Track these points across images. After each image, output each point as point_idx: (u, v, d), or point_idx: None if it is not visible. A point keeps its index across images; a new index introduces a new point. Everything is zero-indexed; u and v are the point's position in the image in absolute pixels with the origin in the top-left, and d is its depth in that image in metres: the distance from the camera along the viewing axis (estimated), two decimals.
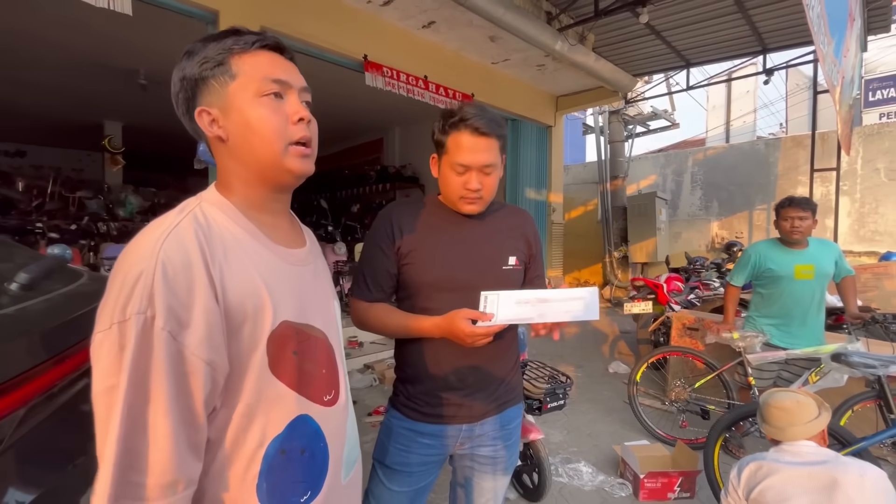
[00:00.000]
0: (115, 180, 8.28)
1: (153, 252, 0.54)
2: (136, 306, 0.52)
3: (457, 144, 1.08)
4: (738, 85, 12.00)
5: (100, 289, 1.20)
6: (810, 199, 2.61)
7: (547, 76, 5.85)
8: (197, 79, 0.65)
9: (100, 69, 5.47)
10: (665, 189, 8.99)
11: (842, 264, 2.61)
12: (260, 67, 0.65)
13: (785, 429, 1.49)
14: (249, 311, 0.60)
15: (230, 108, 0.64)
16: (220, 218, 0.64)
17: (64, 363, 0.84)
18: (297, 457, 0.65)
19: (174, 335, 0.53)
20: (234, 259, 0.61)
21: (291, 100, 0.67)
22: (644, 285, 4.80)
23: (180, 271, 0.55)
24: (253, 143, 0.64)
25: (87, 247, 4.98)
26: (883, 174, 6.79)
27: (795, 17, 4.68)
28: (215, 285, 0.57)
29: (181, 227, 0.58)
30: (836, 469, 1.37)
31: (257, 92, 0.64)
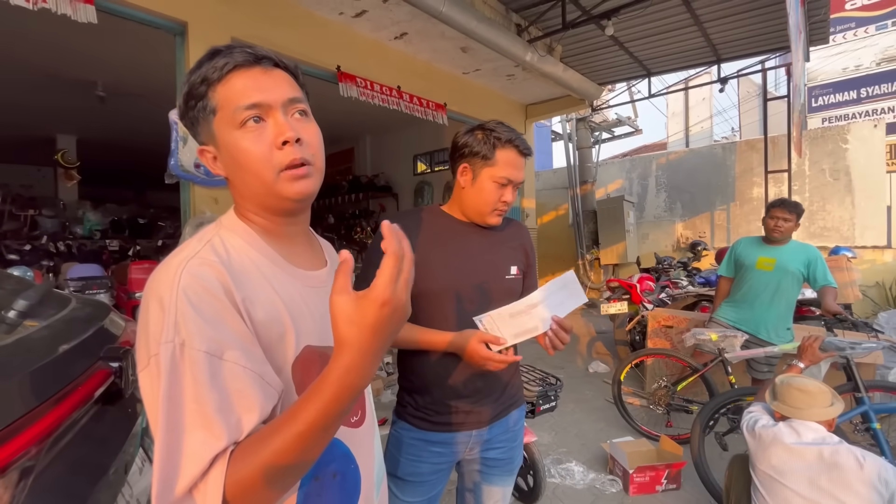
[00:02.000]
0: (71, 197, 7.85)
1: (173, 282, 0.53)
2: (164, 336, 0.51)
3: (507, 160, 1.15)
4: (695, 93, 12.66)
5: (93, 312, 1.16)
6: (798, 203, 2.77)
7: (517, 85, 6.00)
8: (192, 100, 0.63)
9: (52, 81, 5.20)
10: (632, 192, 9.34)
11: (818, 272, 2.69)
12: (232, 96, 0.60)
13: (803, 409, 1.60)
14: (274, 336, 0.59)
15: (219, 144, 0.62)
16: (240, 244, 0.63)
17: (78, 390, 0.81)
18: (331, 481, 0.64)
19: (216, 354, 0.51)
20: (256, 286, 0.59)
21: (273, 120, 0.61)
22: (619, 286, 4.96)
23: (204, 298, 0.53)
24: (244, 178, 0.62)
25: (48, 268, 4.70)
26: (828, 174, 7.30)
27: (745, 29, 5.02)
28: (240, 310, 0.56)
29: (200, 256, 0.57)
30: (839, 453, 1.46)
31: (234, 124, 0.60)
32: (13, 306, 0.84)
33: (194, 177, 3.17)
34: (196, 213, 3.28)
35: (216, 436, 0.49)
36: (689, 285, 5.15)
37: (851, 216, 7.14)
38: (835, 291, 2.66)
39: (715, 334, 2.79)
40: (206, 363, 0.51)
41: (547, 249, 8.72)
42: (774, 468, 1.57)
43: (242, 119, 0.60)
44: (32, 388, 0.75)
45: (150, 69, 4.76)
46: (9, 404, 0.70)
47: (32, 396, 0.73)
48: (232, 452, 0.50)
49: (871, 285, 6.30)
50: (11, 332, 0.83)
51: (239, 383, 0.52)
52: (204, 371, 0.50)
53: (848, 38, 11.12)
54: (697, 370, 2.97)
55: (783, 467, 1.55)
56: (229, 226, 0.65)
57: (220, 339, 0.52)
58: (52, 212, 6.71)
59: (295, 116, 0.63)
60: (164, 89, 4.18)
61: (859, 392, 2.22)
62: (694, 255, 6.35)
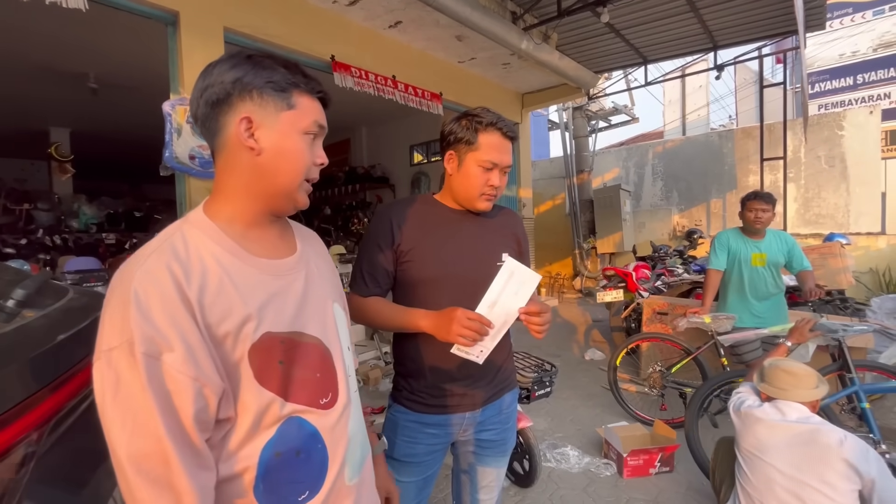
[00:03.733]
0: (65, 190, 7.80)
1: (129, 283, 0.58)
2: (117, 337, 0.55)
3: (489, 144, 1.15)
4: (692, 80, 12.61)
5: (89, 302, 1.17)
6: (772, 194, 2.84)
7: (513, 74, 5.97)
8: (255, 89, 0.68)
9: (44, 73, 5.15)
10: (628, 181, 9.34)
11: (796, 258, 2.81)
12: (314, 111, 0.73)
13: (787, 390, 1.65)
14: (230, 328, 0.63)
15: (275, 130, 0.69)
16: (201, 240, 0.66)
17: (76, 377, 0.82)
18: (293, 458, 0.68)
19: (154, 357, 0.55)
20: (212, 281, 0.63)
21: (318, 143, 0.75)
22: (614, 274, 4.99)
23: (154, 298, 0.57)
24: (281, 167, 0.70)
25: (44, 261, 4.70)
26: (823, 161, 7.31)
27: (742, 16, 4.99)
28: (193, 307, 0.60)
29: (154, 258, 0.61)
30: (820, 432, 1.50)
31: (304, 129, 0.71)
32: (12, 295, 0.85)
33: (189, 169, 3.16)
34: (192, 205, 3.28)
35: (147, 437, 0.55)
36: (685, 273, 5.19)
37: (846, 203, 7.18)
38: (812, 273, 2.78)
39: (708, 317, 2.84)
40: (146, 367, 0.55)
41: (544, 239, 8.74)
42: (757, 446, 1.61)
43: (312, 131, 0.73)
44: (32, 374, 0.76)
45: (143, 60, 4.72)
46: (9, 389, 0.72)
47: (32, 382, 0.75)
48: None
49: (865, 271, 6.35)
50: (10, 320, 0.84)
51: (174, 385, 0.56)
52: (142, 372, 0.55)
53: (845, 24, 11.07)
54: (690, 352, 3.01)
55: (765, 445, 1.59)
56: (194, 221, 0.69)
57: (160, 340, 0.56)
58: (47, 205, 6.68)
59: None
60: (156, 80, 4.15)
61: (849, 372, 2.26)
62: (690, 244, 6.38)
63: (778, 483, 1.53)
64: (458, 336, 1.01)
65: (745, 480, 1.67)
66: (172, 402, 0.56)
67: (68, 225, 6.45)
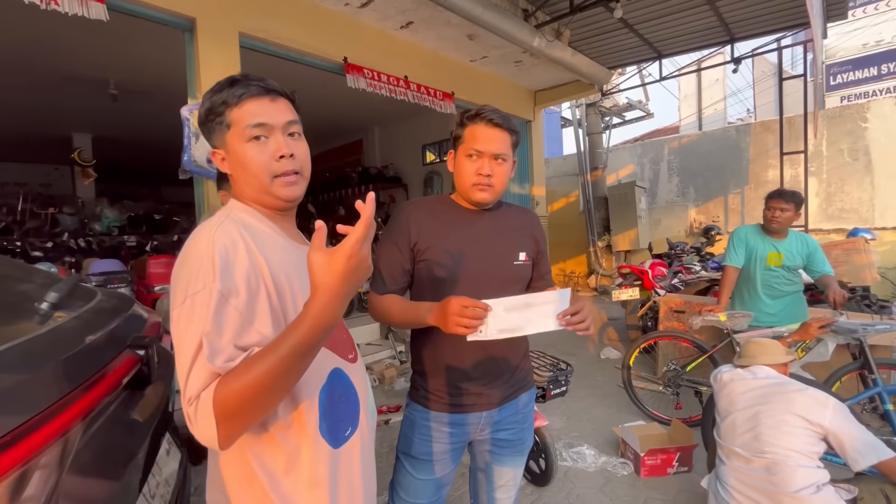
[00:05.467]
0: (88, 194, 8.04)
1: (210, 240, 0.70)
2: (201, 283, 0.67)
3: (473, 134, 1.17)
4: (708, 74, 12.35)
5: (118, 304, 1.21)
6: (797, 192, 2.75)
7: (525, 72, 5.94)
8: (206, 125, 0.82)
9: (67, 81, 5.31)
10: (643, 178, 9.21)
11: (817, 262, 2.72)
12: (244, 118, 0.78)
13: (758, 356, 1.84)
14: (286, 286, 0.76)
15: (229, 150, 0.81)
16: (251, 220, 0.81)
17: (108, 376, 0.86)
18: (339, 401, 0.82)
19: (225, 297, 0.67)
20: (270, 248, 0.77)
21: (274, 138, 0.80)
22: (630, 272, 4.94)
23: (231, 252, 0.70)
24: (246, 178, 0.81)
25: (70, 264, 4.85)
26: (846, 154, 7.11)
27: (760, 6, 4.87)
28: (261, 262, 0.73)
29: (226, 223, 0.74)
30: (783, 384, 1.67)
31: (244, 137, 0.78)
32: (45, 298, 0.89)
33: (207, 172, 3.23)
34: (210, 207, 3.35)
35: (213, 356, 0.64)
36: (703, 270, 5.11)
37: (871, 197, 6.96)
38: (834, 278, 2.71)
39: (723, 315, 2.79)
40: (217, 300, 0.66)
41: (558, 237, 8.68)
42: (729, 402, 1.78)
43: (251, 135, 0.79)
44: (66, 374, 0.80)
45: (161, 66, 4.83)
46: (46, 389, 0.75)
47: (66, 382, 0.78)
48: (221, 377, 0.63)
49: (891, 267, 6.16)
50: (44, 322, 0.88)
51: (234, 322, 0.67)
52: (213, 305, 0.66)
53: (868, 13, 10.73)
54: (706, 351, 2.97)
55: (735, 401, 1.75)
56: (238, 208, 0.83)
57: (232, 287, 0.68)
58: (71, 209, 6.88)
59: (291, 136, 0.82)
60: (174, 86, 4.24)
61: (871, 373, 2.20)
62: (707, 240, 6.26)
63: (739, 426, 1.68)
64: (455, 326, 0.98)
65: (718, 436, 1.81)
66: (223, 325, 0.66)
67: (91, 228, 6.63)
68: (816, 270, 2.73)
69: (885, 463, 1.48)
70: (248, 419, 0.66)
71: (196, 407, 0.63)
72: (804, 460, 1.52)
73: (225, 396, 0.62)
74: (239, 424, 0.64)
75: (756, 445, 1.60)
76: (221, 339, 0.65)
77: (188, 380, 0.63)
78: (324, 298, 0.62)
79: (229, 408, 0.62)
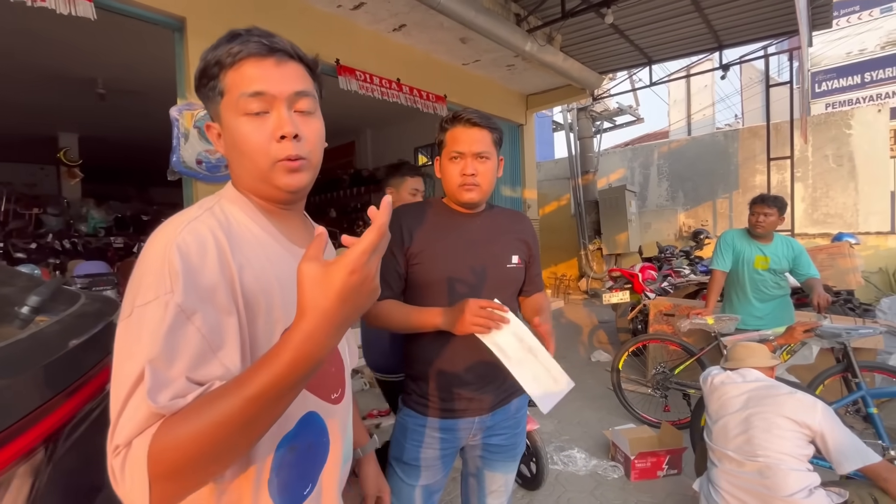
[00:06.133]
0: (74, 194, 7.89)
1: (171, 240, 0.55)
2: (153, 293, 0.52)
3: (453, 136, 1.18)
4: (697, 80, 12.54)
5: (102, 308, 1.19)
6: (780, 197, 2.79)
7: (517, 76, 5.97)
8: (200, 91, 0.66)
9: (53, 79, 5.22)
10: (634, 182, 9.31)
11: (803, 265, 2.77)
12: (239, 83, 0.62)
13: (745, 359, 1.87)
14: (263, 306, 0.60)
15: (224, 124, 0.65)
16: (239, 216, 0.65)
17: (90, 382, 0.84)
18: (305, 452, 0.66)
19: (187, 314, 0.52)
20: (252, 255, 0.61)
21: (276, 113, 0.63)
22: (620, 275, 4.98)
23: (198, 257, 0.55)
24: (241, 160, 0.65)
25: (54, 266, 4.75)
26: (831, 160, 7.25)
27: (747, 14, 4.96)
28: (234, 277, 0.57)
29: (201, 220, 0.59)
30: (772, 387, 1.69)
31: (238, 109, 0.62)
32: (26, 302, 0.87)
33: (197, 173, 3.19)
34: None
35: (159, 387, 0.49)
36: (692, 274, 5.16)
37: (855, 202, 7.11)
38: (819, 281, 2.75)
39: (711, 318, 2.82)
40: (173, 316, 0.51)
41: (549, 240, 8.73)
42: (720, 405, 1.80)
43: (246, 106, 0.62)
44: (47, 380, 0.78)
45: (150, 65, 4.77)
46: (27, 395, 0.73)
47: (47, 388, 0.76)
48: (164, 419, 0.47)
49: (875, 271, 6.28)
50: (25, 327, 0.86)
51: (192, 348, 0.52)
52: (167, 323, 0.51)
53: (852, 22, 10.97)
54: (693, 353, 3.00)
55: (726, 404, 1.77)
56: (230, 197, 0.67)
57: (196, 301, 0.53)
58: (56, 210, 6.74)
59: (298, 111, 0.65)
60: (164, 85, 4.19)
61: (855, 376, 2.24)
62: (696, 244, 6.34)
63: (731, 430, 1.69)
64: (472, 325, 1.03)
65: (710, 439, 1.82)
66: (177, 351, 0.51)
67: (77, 229, 6.52)
68: (802, 273, 2.77)
69: (870, 467, 1.50)
70: (192, 481, 0.48)
71: (124, 458, 0.46)
72: (796, 463, 1.53)
73: (165, 447, 0.45)
74: (180, 487, 0.47)
75: (748, 449, 1.61)
76: (172, 367, 0.49)
77: (119, 420, 0.48)
78: (311, 324, 0.46)
79: (169, 463, 0.45)
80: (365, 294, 0.49)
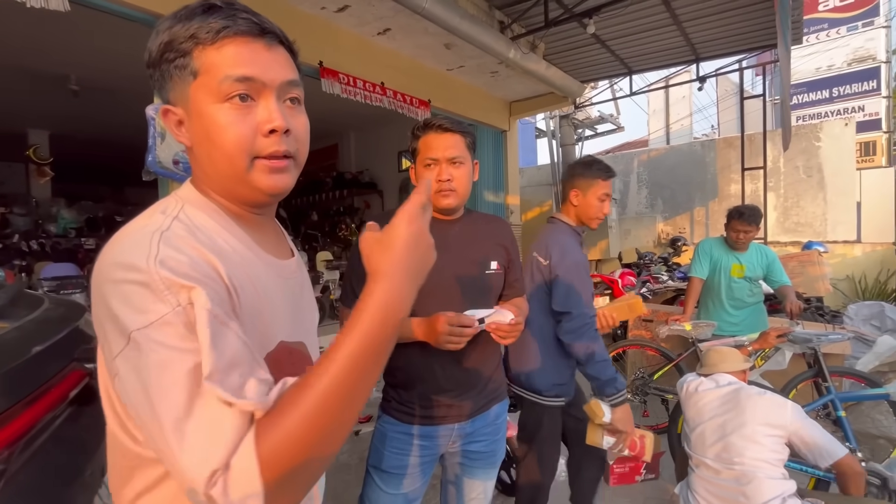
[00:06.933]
0: (44, 194, 7.60)
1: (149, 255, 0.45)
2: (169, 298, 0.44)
3: (426, 144, 1.19)
4: (675, 91, 12.87)
5: (66, 313, 1.14)
6: (758, 211, 2.83)
7: (500, 82, 6.02)
8: (159, 67, 0.55)
9: (22, 74, 5.04)
10: (614, 189, 9.46)
11: (776, 272, 2.87)
12: (222, 64, 0.52)
13: (717, 364, 1.91)
14: (251, 329, 0.53)
15: (192, 111, 0.54)
16: (209, 224, 0.55)
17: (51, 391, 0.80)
18: None
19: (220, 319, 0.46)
20: (237, 271, 0.53)
21: (265, 103, 0.54)
22: (601, 281, 5.04)
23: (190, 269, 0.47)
24: (213, 156, 0.55)
25: (20, 267, 4.56)
26: (802, 171, 7.51)
27: (722, 29, 5.12)
28: (229, 289, 0.50)
29: (173, 231, 0.50)
30: (743, 389, 1.73)
31: (218, 95, 0.53)
32: None
33: (173, 174, 3.11)
34: None
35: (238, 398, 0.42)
36: (669, 280, 5.27)
37: (824, 212, 7.37)
38: (791, 288, 2.84)
39: (689, 324, 2.88)
40: (209, 322, 0.44)
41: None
42: (697, 412, 1.82)
43: (229, 91, 0.53)
44: (4, 389, 0.74)
45: (126, 62, 4.63)
46: None
47: (3, 398, 0.72)
48: (258, 421, 0.42)
49: (842, 278, 6.52)
50: None
51: (240, 354, 0.46)
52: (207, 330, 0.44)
53: (821, 39, 11.43)
54: (672, 359, 3.05)
55: (702, 410, 1.79)
56: (193, 201, 0.57)
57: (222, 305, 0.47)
58: (23, 209, 6.50)
59: (288, 104, 0.58)
60: (140, 83, 4.07)
61: (825, 381, 2.31)
62: (674, 251, 6.49)
63: (708, 438, 1.71)
64: (446, 345, 1.05)
65: (688, 446, 1.84)
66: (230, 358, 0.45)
67: (46, 229, 6.28)
68: (775, 280, 2.87)
69: (842, 461, 1.55)
70: (306, 478, 0.44)
71: (225, 483, 0.39)
72: (772, 471, 1.56)
73: (276, 444, 0.40)
74: (294, 491, 0.43)
75: (726, 456, 1.63)
76: (231, 375, 0.44)
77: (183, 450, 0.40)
78: (387, 276, 0.46)
79: (285, 462, 0.41)
80: (424, 246, 0.51)
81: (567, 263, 1.60)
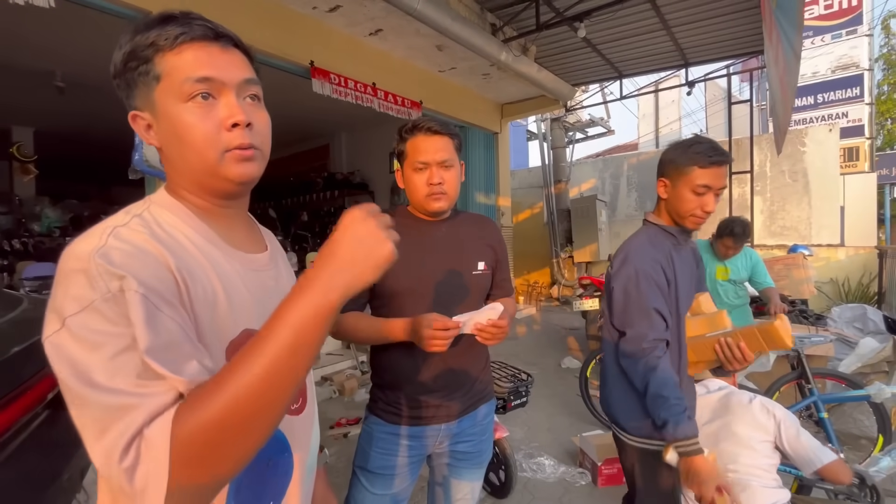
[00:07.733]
0: (28, 192, 7.44)
1: (95, 248, 0.49)
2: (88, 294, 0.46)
3: (415, 147, 1.17)
4: (665, 95, 13.03)
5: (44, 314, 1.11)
6: (748, 227, 2.78)
7: (492, 85, 6.04)
8: (123, 76, 0.60)
9: (7, 70, 4.94)
10: (604, 191, 9.54)
11: (760, 275, 2.91)
12: (182, 67, 0.57)
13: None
14: (207, 318, 0.56)
15: (159, 114, 0.59)
16: (172, 220, 0.59)
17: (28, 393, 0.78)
18: (264, 468, 0.62)
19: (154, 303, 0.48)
20: (190, 260, 0.56)
21: (225, 100, 0.59)
22: (591, 283, 5.07)
23: (134, 257, 0.50)
24: (182, 152, 0.59)
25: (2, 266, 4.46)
26: (787, 176, 7.64)
27: (711, 35, 5.20)
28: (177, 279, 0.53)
29: (129, 227, 0.54)
30: (733, 394, 1.75)
31: (181, 96, 0.57)
32: None
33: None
34: None
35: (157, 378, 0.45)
36: None
37: (808, 216, 7.50)
38: (776, 290, 2.88)
39: None
40: (142, 304, 0.47)
41: (522, 247, 8.82)
42: None
43: (191, 92, 0.57)
44: None
45: None
46: None
47: None
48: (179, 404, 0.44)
49: (826, 281, 6.63)
50: None
51: (176, 337, 0.49)
52: (141, 312, 0.46)
53: (806, 46, 11.63)
54: None
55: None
56: (161, 202, 0.62)
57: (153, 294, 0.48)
58: (6, 208, 6.36)
59: (248, 100, 0.62)
60: None
61: (808, 383, 2.35)
62: None
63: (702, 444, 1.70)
64: (431, 347, 1.04)
65: None
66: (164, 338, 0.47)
67: (29, 228, 6.16)
68: (760, 282, 2.92)
69: (828, 466, 1.56)
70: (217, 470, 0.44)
71: (138, 452, 0.42)
72: (766, 479, 1.56)
73: (194, 424, 0.42)
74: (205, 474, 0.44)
75: (719, 464, 1.63)
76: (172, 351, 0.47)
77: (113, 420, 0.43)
78: (321, 259, 0.49)
79: (202, 443, 0.42)
80: (371, 236, 0.51)
81: (626, 272, 1.35)
